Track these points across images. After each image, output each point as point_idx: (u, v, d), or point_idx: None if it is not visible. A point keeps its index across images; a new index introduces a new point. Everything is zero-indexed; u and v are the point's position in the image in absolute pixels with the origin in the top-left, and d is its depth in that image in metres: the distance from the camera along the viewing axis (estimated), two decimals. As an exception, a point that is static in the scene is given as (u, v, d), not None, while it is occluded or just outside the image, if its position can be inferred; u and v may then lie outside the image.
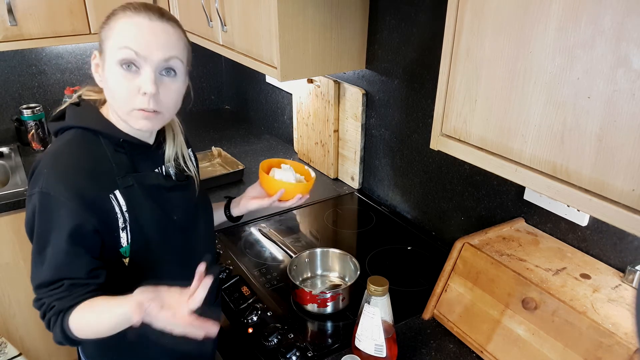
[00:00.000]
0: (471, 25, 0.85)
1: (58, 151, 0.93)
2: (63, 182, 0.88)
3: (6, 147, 2.20)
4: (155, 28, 0.90)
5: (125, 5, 0.91)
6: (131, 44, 0.88)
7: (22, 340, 2.04)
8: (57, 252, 0.88)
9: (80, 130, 0.95)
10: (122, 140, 0.96)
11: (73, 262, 0.89)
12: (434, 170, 1.54)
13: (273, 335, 1.15)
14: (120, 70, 0.89)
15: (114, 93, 0.92)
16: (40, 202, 0.88)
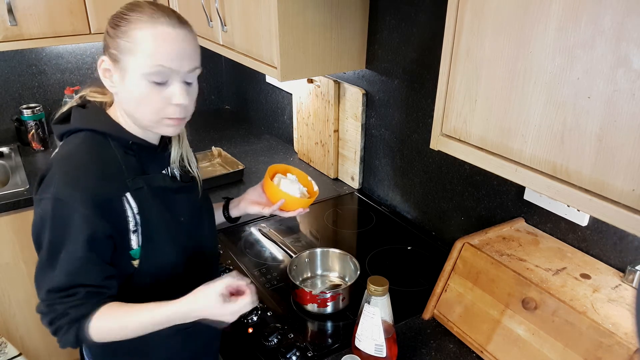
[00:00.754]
0: (471, 25, 0.85)
1: (69, 155, 0.92)
2: (76, 188, 0.87)
3: (6, 147, 2.20)
4: (179, 38, 0.90)
5: (136, 8, 0.89)
6: (163, 62, 0.88)
7: (22, 340, 2.04)
8: (72, 259, 0.87)
9: (89, 133, 0.94)
10: (131, 142, 0.96)
11: (89, 269, 0.89)
12: (434, 170, 1.54)
13: (273, 335, 1.15)
14: (148, 84, 0.89)
15: (141, 104, 0.91)
16: (53, 208, 0.86)
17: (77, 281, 0.88)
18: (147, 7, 0.89)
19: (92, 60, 2.38)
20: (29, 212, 1.86)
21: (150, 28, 0.87)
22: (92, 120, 0.96)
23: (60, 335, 0.89)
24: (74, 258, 0.87)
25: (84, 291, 0.88)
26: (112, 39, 0.90)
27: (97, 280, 0.90)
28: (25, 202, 1.83)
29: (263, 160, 2.16)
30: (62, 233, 0.87)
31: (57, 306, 0.88)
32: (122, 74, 0.90)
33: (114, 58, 0.90)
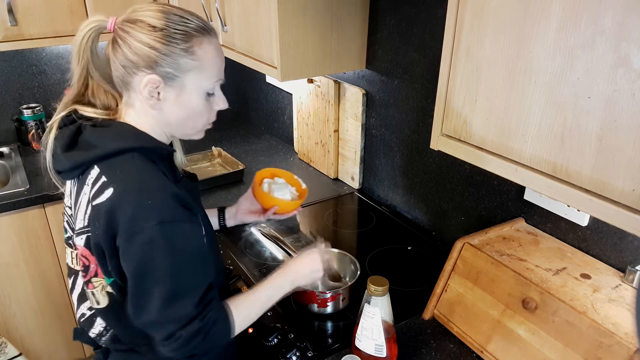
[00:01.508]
0: (471, 25, 0.85)
1: (141, 179, 0.85)
2: (174, 204, 0.84)
3: (6, 147, 2.21)
4: (220, 47, 0.93)
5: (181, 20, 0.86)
6: (222, 74, 0.94)
7: (22, 340, 2.04)
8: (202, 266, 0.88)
9: (134, 153, 0.87)
10: (166, 152, 0.95)
11: (210, 265, 0.92)
12: (434, 170, 1.54)
13: (273, 335, 1.15)
14: (206, 97, 0.92)
15: (195, 117, 0.93)
16: (164, 233, 0.81)
17: (208, 281, 0.90)
18: (190, 16, 0.88)
19: (92, 60, 2.38)
20: (29, 212, 1.86)
21: (208, 43, 0.88)
22: (133, 138, 0.90)
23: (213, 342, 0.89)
24: (202, 262, 0.89)
25: (216, 290, 0.92)
26: (166, 56, 0.84)
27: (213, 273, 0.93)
28: (26, 202, 1.83)
29: (263, 160, 2.16)
30: (183, 249, 0.84)
31: (210, 313, 0.88)
32: (178, 91, 0.88)
33: (169, 77, 0.86)
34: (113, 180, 0.85)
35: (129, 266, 0.84)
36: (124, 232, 0.82)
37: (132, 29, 0.85)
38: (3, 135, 2.27)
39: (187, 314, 0.85)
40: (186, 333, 0.85)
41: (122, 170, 0.86)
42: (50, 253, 1.97)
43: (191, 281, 0.86)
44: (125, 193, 0.83)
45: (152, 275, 0.83)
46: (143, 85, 0.86)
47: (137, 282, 0.84)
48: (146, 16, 0.85)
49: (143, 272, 0.83)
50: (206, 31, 0.88)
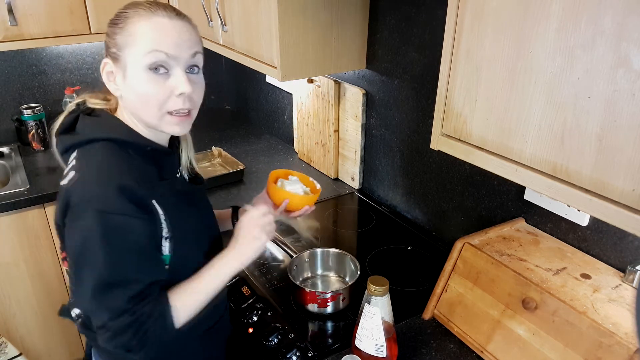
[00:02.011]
0: (471, 26, 0.85)
1: (98, 167, 0.88)
2: (120, 196, 0.84)
3: (6, 147, 2.20)
4: (177, 26, 0.89)
5: (133, 6, 0.89)
6: (160, 47, 0.87)
7: (23, 340, 2.04)
8: (141, 262, 0.88)
9: (107, 143, 0.90)
10: (149, 148, 0.94)
11: (156, 265, 0.91)
12: (434, 170, 1.54)
13: (273, 335, 1.16)
14: (149, 75, 0.88)
15: (144, 99, 0.89)
16: (102, 222, 0.83)
17: (151, 279, 0.89)
18: (151, 4, 0.89)
19: (93, 60, 2.38)
20: (29, 212, 1.86)
21: (146, 19, 0.87)
22: (108, 129, 0.92)
23: (147, 337, 0.88)
24: (142, 258, 0.88)
25: (157, 287, 0.90)
26: (110, 39, 0.89)
27: (162, 273, 0.92)
28: (26, 202, 1.83)
29: (263, 160, 2.16)
30: (121, 241, 0.85)
31: (142, 309, 0.87)
32: (123, 71, 0.89)
33: (114, 57, 0.89)
34: (78, 166, 0.90)
35: (69, 248, 0.88)
36: (70, 214, 0.86)
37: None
38: (3, 135, 2.27)
39: (118, 307, 0.85)
40: (115, 325, 0.86)
41: (88, 157, 0.90)
42: (50, 253, 1.97)
43: (126, 274, 0.86)
44: (81, 179, 0.87)
45: (87, 261, 0.85)
46: (102, 69, 0.92)
47: (74, 266, 0.88)
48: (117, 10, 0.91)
49: (79, 256, 0.86)
50: (149, 10, 0.88)
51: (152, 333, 0.88)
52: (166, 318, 0.90)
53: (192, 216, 1.01)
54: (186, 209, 0.99)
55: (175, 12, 0.90)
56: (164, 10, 0.89)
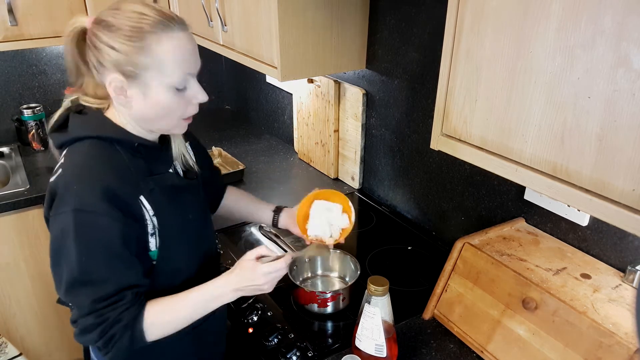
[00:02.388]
0: (471, 25, 0.85)
1: (80, 165, 0.89)
2: (96, 195, 0.85)
3: (7, 147, 2.20)
4: (190, 39, 0.90)
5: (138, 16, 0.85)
6: (189, 69, 0.90)
7: (23, 340, 2.04)
8: (112, 262, 0.87)
9: (94, 140, 0.91)
10: (137, 144, 0.95)
11: (130, 269, 0.90)
12: (434, 170, 1.54)
13: (273, 335, 1.16)
14: (175, 93, 0.89)
15: (164, 112, 0.91)
16: (76, 220, 0.84)
17: (123, 283, 0.88)
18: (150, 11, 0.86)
19: (93, 60, 2.38)
20: (29, 212, 1.86)
21: (168, 39, 0.86)
22: (96, 127, 0.93)
23: (113, 342, 0.88)
24: (113, 261, 0.87)
25: (130, 292, 0.89)
26: (125, 56, 0.85)
27: (139, 279, 0.91)
28: (26, 202, 1.83)
29: (263, 160, 2.16)
30: (92, 240, 0.86)
31: (108, 314, 0.87)
32: (143, 89, 0.88)
33: (130, 75, 0.87)
34: (65, 163, 0.91)
35: (50, 242, 0.90)
36: (52, 209, 0.89)
37: (97, 30, 0.87)
38: (3, 135, 2.27)
39: (85, 306, 0.87)
40: (82, 323, 0.88)
41: (74, 155, 0.92)
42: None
43: (95, 274, 0.86)
44: (65, 176, 0.89)
45: (62, 256, 0.87)
46: (108, 84, 0.88)
47: (53, 258, 0.90)
48: (111, 16, 0.87)
49: (56, 250, 0.89)
50: (165, 26, 0.86)
51: (119, 340, 0.88)
52: (135, 330, 0.89)
53: (184, 213, 1.01)
54: (176, 205, 0.99)
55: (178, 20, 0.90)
56: (172, 20, 0.88)
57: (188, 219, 1.02)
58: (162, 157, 1.01)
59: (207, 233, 1.12)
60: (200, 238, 1.07)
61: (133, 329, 0.89)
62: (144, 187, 0.92)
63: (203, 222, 1.10)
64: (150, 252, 0.95)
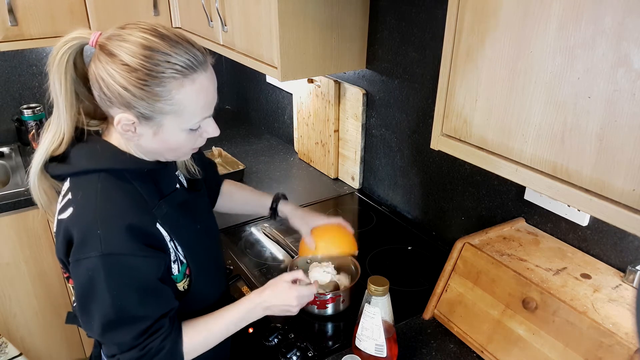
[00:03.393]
0: (471, 25, 0.85)
1: (98, 205, 0.84)
2: (124, 236, 0.82)
3: (7, 147, 2.20)
4: (212, 80, 0.85)
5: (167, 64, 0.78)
6: (208, 112, 0.86)
7: (23, 340, 2.04)
8: (148, 300, 0.86)
9: (103, 174, 0.86)
10: (146, 170, 0.91)
11: (163, 297, 0.89)
12: (434, 170, 1.54)
13: (273, 335, 1.15)
14: (189, 133, 0.86)
15: (175, 147, 0.88)
16: (106, 265, 0.81)
17: (159, 313, 0.87)
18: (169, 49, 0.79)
19: (93, 60, 2.38)
20: (30, 212, 1.86)
21: (191, 84, 0.80)
22: (104, 159, 0.87)
23: None
24: (148, 297, 0.86)
25: (167, 319, 0.89)
26: (140, 100, 0.79)
27: (173, 304, 0.91)
28: (26, 202, 1.83)
29: (263, 160, 2.16)
30: (125, 282, 0.83)
31: (151, 344, 0.86)
32: (156, 129, 0.84)
33: (144, 117, 0.82)
34: (74, 201, 0.86)
35: (75, 286, 0.86)
36: (73, 254, 0.83)
37: (107, 63, 0.80)
38: (3, 135, 2.27)
39: (126, 343, 0.85)
40: (125, 358, 0.86)
41: (84, 192, 0.86)
42: (50, 253, 1.97)
43: (133, 312, 0.85)
44: (80, 217, 0.84)
45: (93, 299, 0.83)
46: (116, 122, 0.83)
47: (81, 302, 0.86)
48: (123, 50, 0.78)
49: (85, 295, 0.84)
50: (191, 69, 0.80)
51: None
52: (177, 355, 0.90)
53: (195, 224, 1.01)
54: (188, 219, 0.98)
55: (202, 54, 0.82)
56: (196, 61, 0.81)
57: (197, 229, 1.01)
58: (168, 174, 0.99)
59: (215, 236, 1.12)
60: (210, 242, 1.07)
61: (175, 354, 0.89)
62: (158, 213, 0.90)
63: (212, 227, 1.11)
64: (173, 276, 0.94)
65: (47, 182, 0.92)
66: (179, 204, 0.96)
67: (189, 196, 1.02)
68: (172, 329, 0.90)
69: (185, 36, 0.83)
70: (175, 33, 0.82)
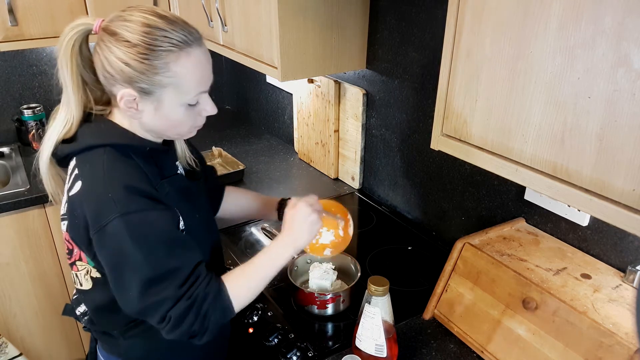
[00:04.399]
0: (471, 25, 0.85)
1: (105, 174, 0.88)
2: (135, 195, 0.86)
3: (7, 147, 2.20)
4: (207, 56, 0.90)
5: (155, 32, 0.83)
6: (204, 87, 0.90)
7: (23, 340, 2.04)
8: (177, 251, 0.88)
9: (108, 148, 0.90)
10: (148, 149, 0.94)
11: (191, 248, 0.91)
12: (434, 170, 1.54)
13: (274, 335, 1.16)
14: (188, 108, 0.90)
15: (176, 124, 0.92)
16: (127, 224, 0.84)
17: (193, 262, 0.89)
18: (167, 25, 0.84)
19: (93, 60, 2.38)
20: (30, 212, 1.86)
21: (187, 56, 0.85)
22: (108, 135, 0.92)
23: (208, 319, 0.89)
24: (176, 248, 0.88)
25: (202, 267, 0.90)
26: (141, 74, 0.84)
27: (201, 253, 0.92)
28: (26, 202, 1.83)
29: (264, 160, 2.16)
30: (150, 236, 0.86)
31: (196, 292, 0.88)
32: (156, 104, 0.88)
33: (145, 91, 0.86)
34: (82, 174, 0.89)
35: (104, 258, 0.87)
36: (93, 226, 0.86)
37: (109, 42, 0.85)
38: (3, 136, 2.27)
39: (170, 296, 0.86)
40: (175, 313, 0.87)
41: (90, 164, 0.90)
42: (50, 253, 1.97)
43: (168, 265, 0.86)
44: (90, 187, 0.87)
45: (126, 265, 0.85)
46: (119, 98, 0.87)
47: (115, 273, 0.87)
48: (124, 28, 0.84)
49: (117, 263, 0.86)
50: (186, 43, 0.85)
51: (212, 314, 0.89)
52: (224, 300, 0.91)
53: (194, 212, 1.02)
54: (189, 205, 1.00)
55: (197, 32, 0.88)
56: (191, 34, 0.86)
57: (196, 218, 1.02)
58: (170, 158, 1.02)
59: (213, 228, 1.13)
60: (209, 234, 1.08)
61: (222, 300, 0.91)
62: (161, 190, 0.92)
63: (211, 218, 1.12)
64: None
65: (54, 168, 0.97)
66: (180, 188, 0.98)
67: (190, 184, 1.04)
68: (211, 276, 0.91)
69: (180, 17, 0.88)
70: (172, 14, 0.88)
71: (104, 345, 1.09)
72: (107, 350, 1.09)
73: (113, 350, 1.07)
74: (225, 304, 0.91)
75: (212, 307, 0.89)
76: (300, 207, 1.01)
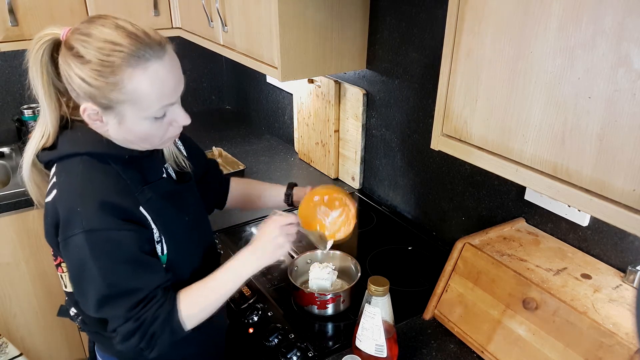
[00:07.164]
0: (471, 25, 0.85)
1: (78, 186, 0.88)
2: (102, 212, 0.85)
3: (7, 147, 2.20)
4: (170, 67, 0.85)
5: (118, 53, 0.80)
6: (167, 101, 0.86)
7: (23, 340, 2.04)
8: (137, 272, 0.88)
9: (85, 157, 0.90)
10: (127, 156, 0.93)
11: (153, 271, 0.91)
12: (434, 170, 1.54)
13: (274, 336, 1.16)
14: (153, 122, 0.87)
15: (143, 137, 0.89)
16: (89, 241, 0.84)
17: (151, 285, 0.90)
18: (123, 39, 0.80)
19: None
20: (30, 212, 1.86)
21: (142, 73, 0.81)
22: (85, 143, 0.91)
23: (155, 340, 0.90)
24: (137, 269, 0.88)
25: (159, 290, 0.91)
26: (97, 90, 0.82)
27: (163, 276, 0.92)
28: (26, 202, 1.83)
29: (264, 160, 2.16)
30: (111, 256, 0.86)
31: (144, 315, 0.88)
32: (119, 119, 0.86)
33: (105, 107, 0.84)
34: (58, 183, 0.90)
35: (68, 267, 0.91)
36: (60, 234, 0.87)
37: (68, 57, 0.83)
38: (3, 136, 2.27)
39: (120, 316, 0.88)
40: (123, 331, 0.89)
41: (67, 174, 0.90)
42: (50, 253, 1.96)
43: (127, 285, 0.88)
44: (63, 197, 0.88)
45: (85, 276, 0.87)
46: (82, 111, 0.86)
47: (75, 281, 0.90)
48: (80, 43, 0.81)
49: (77, 272, 0.88)
50: (139, 58, 0.81)
51: (159, 335, 0.90)
52: (173, 323, 0.91)
53: (182, 215, 1.01)
54: (175, 209, 0.99)
55: (157, 43, 0.83)
56: (148, 47, 0.82)
57: (185, 221, 1.02)
58: (154, 163, 1.00)
59: (205, 229, 1.13)
60: (201, 236, 1.08)
61: (171, 323, 0.91)
62: (142, 198, 0.92)
63: (201, 220, 1.11)
64: (160, 256, 0.96)
65: (39, 176, 0.97)
66: (165, 193, 0.98)
67: (177, 187, 1.03)
68: (165, 298, 0.91)
69: (142, 28, 0.84)
70: (132, 25, 0.84)
71: (99, 345, 1.10)
72: (103, 350, 1.09)
73: (108, 350, 1.07)
74: (174, 325, 0.91)
75: (160, 329, 0.90)
76: (270, 226, 1.00)
